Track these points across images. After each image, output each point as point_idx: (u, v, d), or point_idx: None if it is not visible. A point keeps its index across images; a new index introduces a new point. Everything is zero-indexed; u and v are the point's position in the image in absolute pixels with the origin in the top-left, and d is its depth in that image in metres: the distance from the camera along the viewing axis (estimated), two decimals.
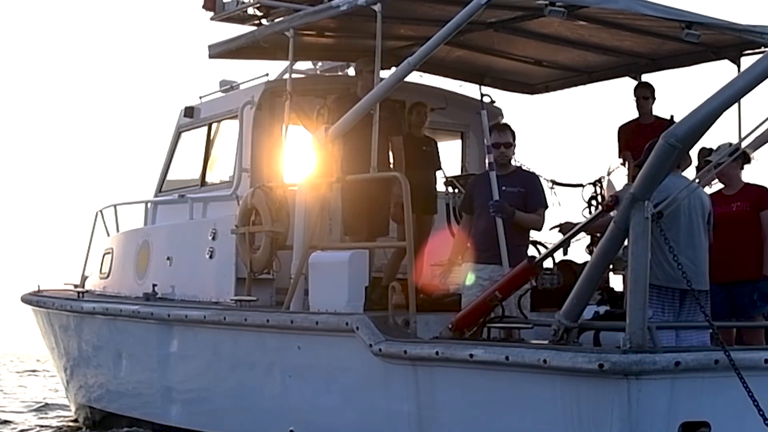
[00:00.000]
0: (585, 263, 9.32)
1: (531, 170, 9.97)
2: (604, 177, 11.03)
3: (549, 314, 9.39)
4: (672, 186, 8.22)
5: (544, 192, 9.83)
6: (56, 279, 16.23)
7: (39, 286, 15.87)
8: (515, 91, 13.56)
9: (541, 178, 9.91)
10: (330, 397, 9.83)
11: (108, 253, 14.56)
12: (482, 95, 10.89)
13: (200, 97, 13.62)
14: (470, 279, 9.67)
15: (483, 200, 9.59)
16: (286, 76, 11.68)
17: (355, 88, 11.04)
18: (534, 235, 10.02)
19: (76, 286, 15.49)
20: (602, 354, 7.87)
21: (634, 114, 11.73)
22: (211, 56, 12.34)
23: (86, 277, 15.36)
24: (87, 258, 15.56)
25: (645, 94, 11.54)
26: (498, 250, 9.52)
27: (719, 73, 11.48)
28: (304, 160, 11.71)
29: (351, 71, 13.17)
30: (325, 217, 10.49)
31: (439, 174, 11.74)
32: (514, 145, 9.76)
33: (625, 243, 7.98)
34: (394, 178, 10.31)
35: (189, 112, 13.44)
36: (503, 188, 9.56)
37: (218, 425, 11.05)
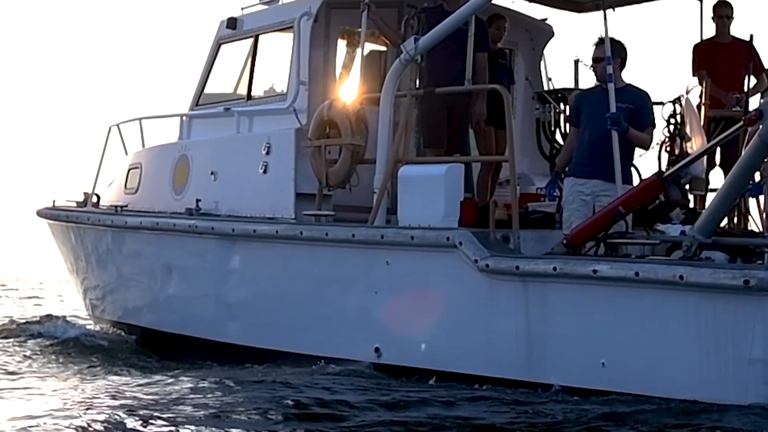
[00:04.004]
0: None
1: (641, 87, 9.77)
2: (683, 95, 10.90)
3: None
4: None
5: (653, 110, 9.67)
6: (54, 195, 15.87)
7: (54, 202, 15.41)
8: (563, 9, 13.29)
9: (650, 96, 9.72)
10: (423, 313, 9.62)
11: (135, 168, 14.10)
12: None
13: (242, 9, 13.18)
14: (571, 193, 9.54)
15: (590, 113, 9.43)
16: None
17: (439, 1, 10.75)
18: None
19: (81, 203, 15.10)
20: (746, 270, 7.79)
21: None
22: None
23: (96, 194, 14.95)
24: (98, 174, 15.16)
25: (726, 13, 11.42)
26: (601, 165, 9.41)
27: None
28: (368, 74, 11.48)
29: None
30: (410, 130, 10.24)
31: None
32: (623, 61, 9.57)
33: None
34: (482, 93, 10.11)
35: (232, 23, 12.99)
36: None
37: (288, 342, 10.75)
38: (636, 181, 10.06)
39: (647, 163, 11.46)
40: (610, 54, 9.55)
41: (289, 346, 10.77)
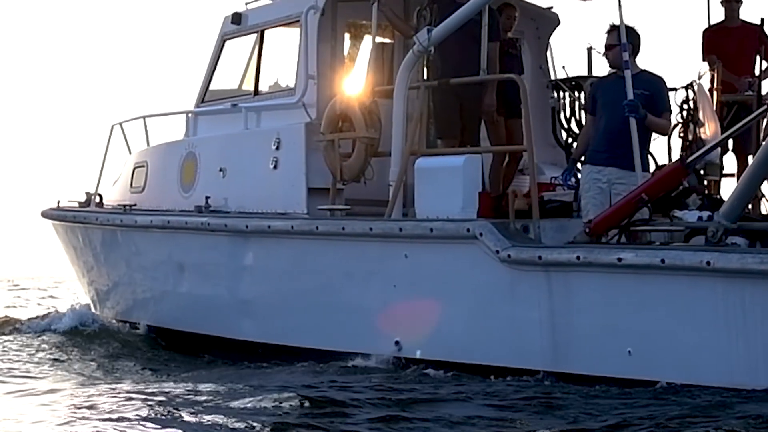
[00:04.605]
0: None
1: (656, 73, 9.73)
2: (695, 81, 10.87)
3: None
4: None
5: (668, 95, 9.62)
6: (53, 195, 15.71)
7: (59, 203, 15.33)
8: None
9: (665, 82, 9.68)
10: (444, 305, 9.57)
11: (140, 166, 14.01)
12: None
13: (246, 4, 13.10)
14: (588, 180, 9.51)
15: (607, 100, 9.38)
16: None
17: None
18: None
19: (83, 203, 15.02)
20: None
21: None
22: None
23: (99, 194, 14.87)
24: (101, 173, 15.08)
25: None
26: (617, 153, 9.37)
27: None
28: (376, 67, 11.43)
29: None
30: (424, 122, 10.19)
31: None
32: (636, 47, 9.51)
33: None
34: (491, 83, 10.07)
35: (237, 18, 12.91)
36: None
37: (306, 338, 10.69)
38: (652, 168, 10.06)
39: (657, 149, 11.40)
40: (625, 40, 9.49)
41: (306, 342, 10.71)
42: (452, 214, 9.59)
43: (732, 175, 11.22)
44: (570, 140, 10.82)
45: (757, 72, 11.37)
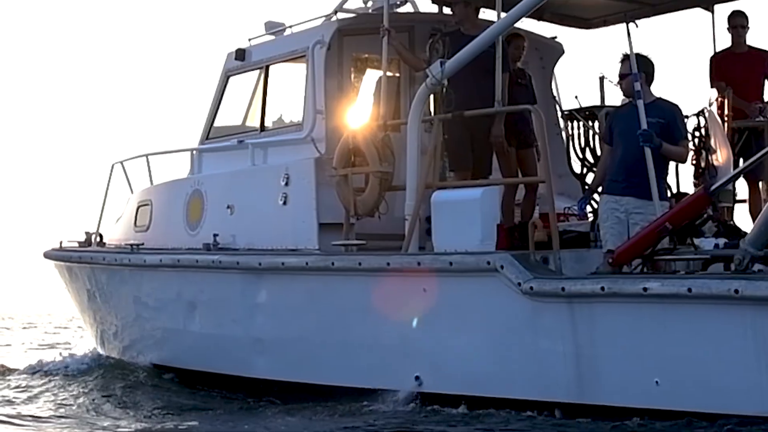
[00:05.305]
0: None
1: (671, 101, 9.71)
2: (706, 108, 10.86)
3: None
4: None
5: (684, 123, 9.60)
6: (51, 236, 15.62)
7: (61, 243, 15.23)
8: (571, 26, 13.24)
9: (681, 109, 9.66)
10: (465, 339, 9.51)
11: (144, 205, 13.94)
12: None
13: (249, 40, 13.07)
14: (606, 210, 9.47)
15: (622, 130, 9.36)
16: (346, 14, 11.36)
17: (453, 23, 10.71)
18: None
19: (83, 242, 14.93)
20: None
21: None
22: None
23: (100, 234, 14.80)
24: (102, 213, 15.02)
25: (742, 23, 11.39)
26: (634, 182, 9.33)
27: None
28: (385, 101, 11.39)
29: (407, 8, 12.76)
30: (438, 155, 10.15)
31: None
32: (650, 76, 9.51)
33: None
34: (500, 114, 10.10)
35: (240, 54, 12.87)
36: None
37: (324, 375, 10.60)
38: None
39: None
40: (636, 70, 9.48)
41: (324, 378, 10.62)
42: (471, 246, 9.54)
43: (744, 201, 11.21)
44: (584, 170, 10.77)
45: (766, 98, 11.37)
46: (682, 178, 10.55)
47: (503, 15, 10.16)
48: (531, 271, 9.07)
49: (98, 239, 14.74)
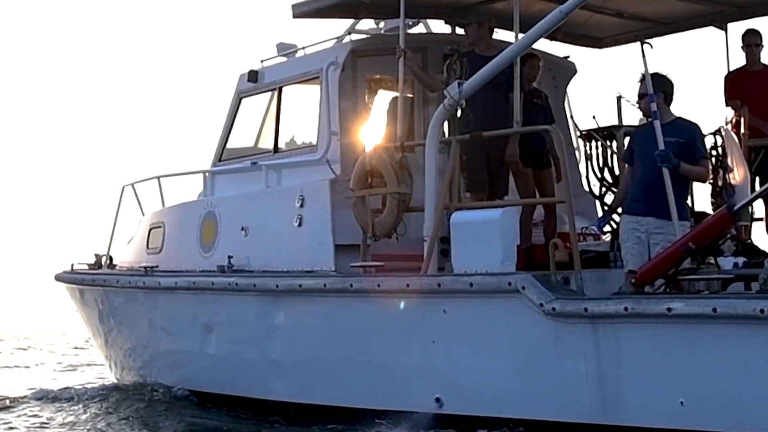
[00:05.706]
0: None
1: (691, 120, 9.70)
2: (723, 127, 10.85)
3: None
4: None
5: (704, 142, 9.58)
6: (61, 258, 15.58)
7: (72, 266, 15.21)
8: (583, 45, 13.26)
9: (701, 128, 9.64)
10: (486, 360, 9.48)
11: (157, 227, 13.93)
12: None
13: (261, 61, 13.08)
14: (626, 231, 9.44)
15: (642, 150, 9.34)
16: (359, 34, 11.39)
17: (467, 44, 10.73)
18: None
19: (93, 265, 14.91)
20: None
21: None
22: (295, 16, 11.89)
23: (110, 256, 14.78)
24: (112, 235, 15.00)
25: (756, 41, 11.41)
26: (654, 202, 9.29)
27: None
28: (400, 120, 11.39)
29: (420, 28, 12.79)
30: (457, 176, 10.15)
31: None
32: (669, 95, 9.49)
33: None
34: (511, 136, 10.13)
35: (253, 76, 12.89)
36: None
37: (343, 397, 10.57)
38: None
39: None
40: (652, 90, 9.46)
41: (342, 400, 10.59)
42: (491, 267, 9.52)
43: (761, 220, 11.20)
44: (603, 190, 10.75)
45: None
46: (698, 197, 10.51)
47: (521, 36, 10.16)
48: (553, 292, 9.05)
49: (108, 261, 14.74)
